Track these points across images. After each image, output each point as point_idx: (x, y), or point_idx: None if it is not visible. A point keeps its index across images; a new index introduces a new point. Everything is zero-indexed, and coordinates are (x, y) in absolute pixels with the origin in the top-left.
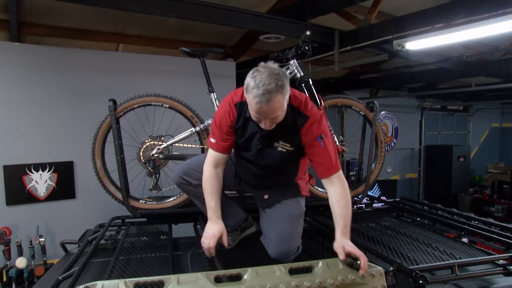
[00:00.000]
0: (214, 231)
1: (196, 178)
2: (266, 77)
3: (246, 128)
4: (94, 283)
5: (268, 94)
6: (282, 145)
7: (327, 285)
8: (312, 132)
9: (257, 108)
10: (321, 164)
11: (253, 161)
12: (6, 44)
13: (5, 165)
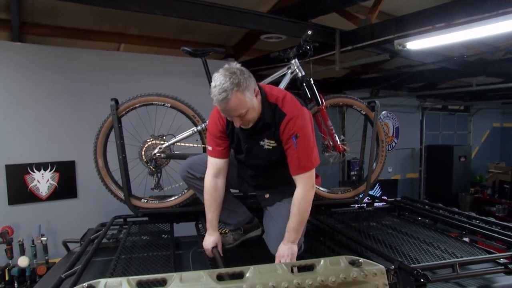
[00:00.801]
0: (209, 242)
1: (201, 171)
2: (222, 77)
3: (234, 132)
4: (97, 281)
5: (224, 92)
6: (267, 142)
7: (329, 283)
8: (288, 130)
9: (219, 107)
10: (291, 163)
11: (246, 162)
12: (8, 44)
13: (7, 164)
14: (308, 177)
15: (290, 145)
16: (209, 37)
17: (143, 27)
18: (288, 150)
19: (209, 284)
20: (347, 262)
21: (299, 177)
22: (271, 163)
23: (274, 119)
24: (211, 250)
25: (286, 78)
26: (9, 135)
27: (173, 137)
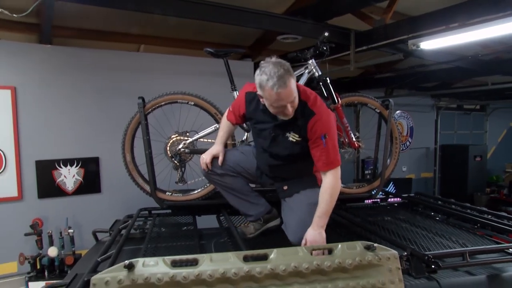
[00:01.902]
0: (213, 150)
1: (222, 168)
2: (273, 67)
3: (260, 119)
4: (135, 260)
5: (282, 79)
6: (292, 135)
7: (346, 265)
8: (316, 130)
9: (278, 95)
10: (319, 160)
11: (266, 149)
12: (39, 46)
13: (37, 160)
14: (336, 171)
15: (319, 144)
16: (225, 38)
17: (162, 29)
18: (316, 148)
19: (236, 264)
20: (362, 247)
21: (329, 172)
22: (291, 155)
23: (303, 115)
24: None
25: (304, 78)
26: (39, 132)
27: (196, 133)
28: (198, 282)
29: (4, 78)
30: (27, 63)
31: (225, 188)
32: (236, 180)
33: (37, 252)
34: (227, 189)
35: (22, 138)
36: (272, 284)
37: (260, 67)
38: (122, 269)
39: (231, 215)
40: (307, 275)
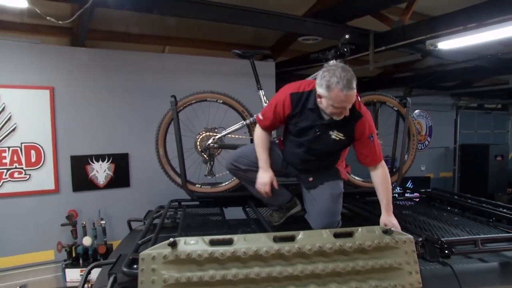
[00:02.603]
0: (267, 178)
1: (245, 164)
2: (342, 71)
3: (306, 117)
4: (178, 239)
5: (350, 83)
6: (336, 133)
7: (366, 247)
8: (365, 130)
9: (345, 97)
10: (368, 156)
11: (306, 145)
12: (74, 49)
13: (72, 155)
14: (384, 163)
15: (367, 143)
16: (247, 39)
17: (186, 31)
18: (365, 147)
19: (267, 243)
20: (380, 231)
21: (379, 165)
22: (329, 151)
23: (352, 116)
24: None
25: None
26: (74, 129)
27: (223, 129)
28: (234, 259)
29: (44, 79)
30: (64, 65)
31: (249, 182)
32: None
33: (73, 241)
34: (251, 183)
35: (59, 135)
36: (299, 262)
37: (327, 70)
38: (166, 246)
39: (257, 207)
40: (330, 255)
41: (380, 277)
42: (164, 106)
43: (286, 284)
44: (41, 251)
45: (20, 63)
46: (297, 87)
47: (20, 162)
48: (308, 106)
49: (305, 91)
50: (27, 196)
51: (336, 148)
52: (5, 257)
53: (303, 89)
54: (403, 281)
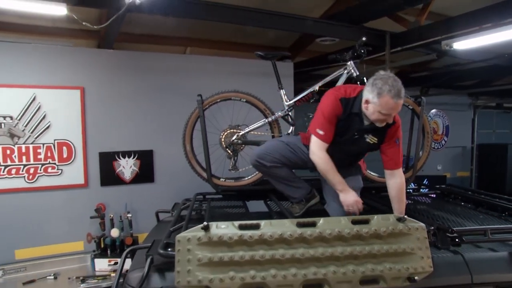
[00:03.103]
0: (353, 197)
1: (269, 160)
2: (393, 81)
3: (349, 121)
4: (210, 223)
5: (399, 92)
6: (371, 137)
7: (381, 232)
8: (394, 134)
9: (394, 104)
10: (391, 159)
11: (342, 145)
12: (103, 51)
13: (100, 152)
14: (401, 171)
15: (393, 145)
16: (265, 40)
17: (206, 32)
18: (390, 149)
19: (291, 228)
20: (395, 219)
21: (398, 171)
22: (360, 152)
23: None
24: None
25: (343, 78)
26: (102, 127)
27: (246, 126)
28: (261, 242)
29: (75, 79)
30: (94, 66)
31: (273, 177)
32: (282, 170)
33: (101, 233)
34: (274, 177)
35: (88, 132)
36: (319, 245)
37: (379, 78)
38: (200, 230)
39: (279, 200)
40: (348, 239)
41: (394, 261)
42: (187, 105)
43: (308, 265)
44: (72, 242)
45: (54, 65)
46: (343, 92)
47: (53, 157)
48: (353, 111)
49: (351, 97)
50: (59, 190)
51: (366, 150)
52: (39, 247)
53: (349, 95)
54: (415, 264)
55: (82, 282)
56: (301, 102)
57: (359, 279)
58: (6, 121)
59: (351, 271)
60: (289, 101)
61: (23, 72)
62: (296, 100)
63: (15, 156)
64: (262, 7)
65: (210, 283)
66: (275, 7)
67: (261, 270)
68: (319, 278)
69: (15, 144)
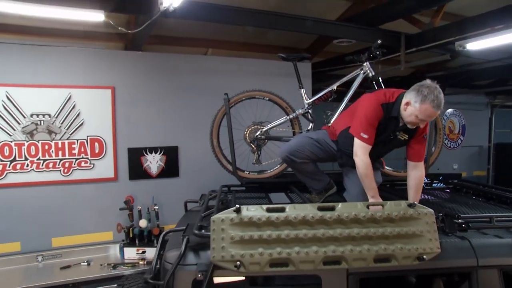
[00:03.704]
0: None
1: (299, 157)
2: (438, 93)
3: (387, 123)
4: (241, 206)
5: (441, 104)
6: (402, 134)
7: (393, 216)
8: (423, 131)
9: (432, 113)
10: (417, 153)
11: (378, 144)
12: (132, 53)
13: (129, 147)
14: (423, 165)
15: (421, 140)
16: (284, 41)
17: (226, 34)
18: (418, 143)
19: (313, 211)
20: (406, 205)
21: (420, 163)
22: (391, 148)
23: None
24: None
25: (359, 78)
26: (131, 124)
27: (269, 123)
28: (286, 223)
29: (106, 80)
30: (124, 67)
31: (299, 171)
32: (309, 165)
33: (130, 223)
34: (301, 171)
35: (118, 129)
36: (338, 227)
37: (427, 86)
38: (232, 212)
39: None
40: (363, 222)
41: (405, 242)
42: (210, 104)
43: (328, 243)
44: (102, 232)
45: (87, 66)
46: (383, 97)
47: (86, 152)
48: (392, 115)
49: (391, 102)
50: (91, 183)
51: (397, 147)
52: (72, 236)
53: (389, 100)
54: (424, 245)
55: (113, 268)
56: (320, 100)
57: (373, 257)
58: (45, 118)
59: (366, 250)
60: (308, 99)
61: (60, 73)
62: (315, 98)
63: (52, 151)
64: (280, 10)
65: (242, 258)
66: (294, 9)
67: (286, 247)
68: (337, 255)
69: (53, 140)
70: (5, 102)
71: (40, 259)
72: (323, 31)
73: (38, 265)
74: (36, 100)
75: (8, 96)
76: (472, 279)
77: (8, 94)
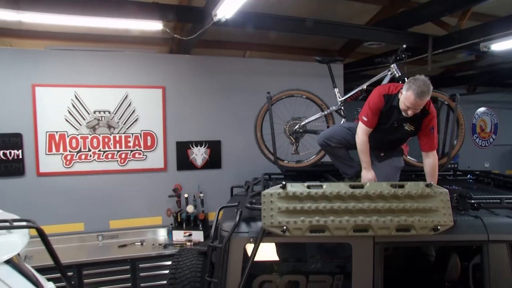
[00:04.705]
0: (370, 176)
1: (334, 142)
2: (423, 84)
3: (390, 112)
4: (287, 183)
5: (422, 94)
6: (408, 125)
7: (412, 194)
8: (429, 124)
9: (414, 101)
10: (426, 143)
11: (385, 132)
12: (181, 56)
13: (177, 141)
14: (435, 152)
15: (428, 133)
16: (317, 44)
17: (263, 37)
18: (425, 135)
19: (345, 188)
20: (423, 185)
21: (432, 152)
22: (402, 138)
23: (422, 113)
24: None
25: (387, 78)
26: (179, 120)
27: (306, 118)
28: (323, 197)
29: (158, 80)
30: (173, 69)
31: (334, 155)
32: (342, 150)
33: (178, 209)
34: (335, 156)
35: (168, 124)
36: (366, 201)
37: (416, 79)
38: (279, 188)
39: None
40: (387, 198)
41: (422, 215)
42: (249, 102)
43: (358, 215)
44: (153, 217)
45: (141, 68)
46: (387, 89)
47: (140, 145)
48: (393, 104)
49: (393, 93)
50: (143, 173)
51: (405, 136)
52: (127, 219)
53: (391, 92)
54: (439, 218)
55: (164, 248)
56: (351, 99)
57: (395, 227)
58: (105, 115)
59: (389, 220)
60: (341, 97)
61: (118, 75)
62: (347, 96)
63: (111, 144)
64: (315, 15)
65: (287, 224)
66: (326, 14)
67: (323, 217)
68: (365, 224)
69: (111, 134)
70: (74, 100)
71: (100, 238)
72: (354, 35)
73: (98, 243)
74: (98, 98)
75: (76, 96)
76: (483, 252)
77: (76, 94)
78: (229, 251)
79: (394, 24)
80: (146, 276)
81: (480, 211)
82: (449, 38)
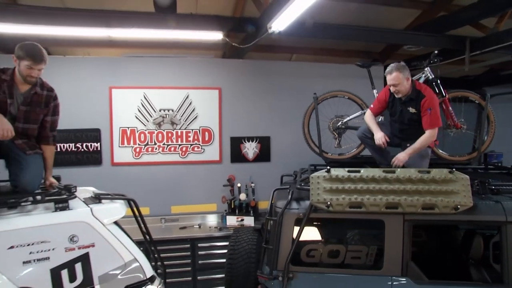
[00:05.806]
0: (380, 134)
1: (371, 133)
2: (393, 64)
3: (394, 102)
4: (331, 168)
5: (391, 70)
6: (411, 109)
7: (437, 179)
8: (425, 105)
9: (388, 78)
10: (426, 122)
11: (397, 119)
12: (235, 61)
13: (231, 136)
14: (433, 131)
15: (425, 113)
16: (359, 46)
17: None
18: (424, 116)
19: (379, 173)
20: (447, 171)
21: (428, 130)
22: (410, 119)
23: (418, 97)
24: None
25: (421, 80)
26: (233, 118)
27: (347, 116)
28: (361, 180)
29: (215, 82)
30: (228, 72)
31: (371, 146)
32: None
33: (231, 197)
34: (372, 147)
35: (223, 121)
36: (396, 184)
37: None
38: (324, 172)
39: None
40: (415, 182)
41: (445, 196)
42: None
43: (389, 194)
44: (209, 203)
45: (201, 71)
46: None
47: (198, 139)
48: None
49: None
50: (201, 164)
51: (413, 118)
52: (186, 205)
53: None
54: (460, 199)
55: (219, 230)
56: None
57: (421, 205)
58: (169, 112)
59: (416, 199)
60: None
61: (180, 77)
62: None
63: (174, 138)
64: (358, 21)
65: (331, 201)
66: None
67: (360, 195)
68: (396, 202)
69: (174, 130)
70: (143, 100)
71: (163, 221)
72: (394, 40)
73: (161, 225)
74: (163, 98)
75: (145, 96)
76: (502, 231)
77: (145, 94)
78: (282, 223)
79: (432, 27)
80: (203, 254)
81: (500, 196)
82: (487, 39)
